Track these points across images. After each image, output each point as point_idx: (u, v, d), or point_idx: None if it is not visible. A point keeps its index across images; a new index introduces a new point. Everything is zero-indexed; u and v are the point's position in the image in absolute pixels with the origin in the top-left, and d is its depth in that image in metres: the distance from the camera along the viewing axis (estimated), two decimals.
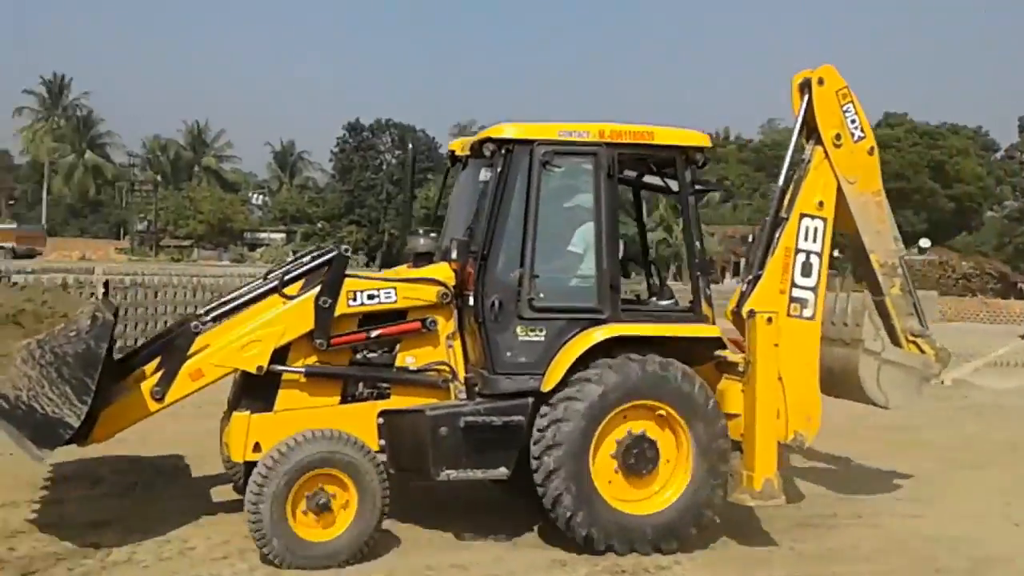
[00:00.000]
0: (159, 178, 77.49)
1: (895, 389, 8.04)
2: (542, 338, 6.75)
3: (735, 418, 6.97)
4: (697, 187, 7.42)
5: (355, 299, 6.84)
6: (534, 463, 6.62)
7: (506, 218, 6.77)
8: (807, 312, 7.68)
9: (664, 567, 6.58)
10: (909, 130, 70.75)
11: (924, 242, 59.24)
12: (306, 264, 7.05)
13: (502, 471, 6.67)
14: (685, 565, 6.64)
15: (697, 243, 7.24)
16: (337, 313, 6.76)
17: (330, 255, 6.91)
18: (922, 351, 8.28)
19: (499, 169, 6.77)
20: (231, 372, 6.89)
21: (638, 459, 6.73)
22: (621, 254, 7.05)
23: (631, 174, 7.82)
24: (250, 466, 6.55)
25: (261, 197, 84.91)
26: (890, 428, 11.83)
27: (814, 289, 7.73)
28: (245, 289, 7.21)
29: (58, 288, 14.14)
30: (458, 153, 7.85)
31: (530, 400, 6.72)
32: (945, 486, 9.38)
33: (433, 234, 7.38)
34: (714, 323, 7.18)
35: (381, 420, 6.88)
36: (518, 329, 6.74)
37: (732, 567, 6.71)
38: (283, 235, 71.84)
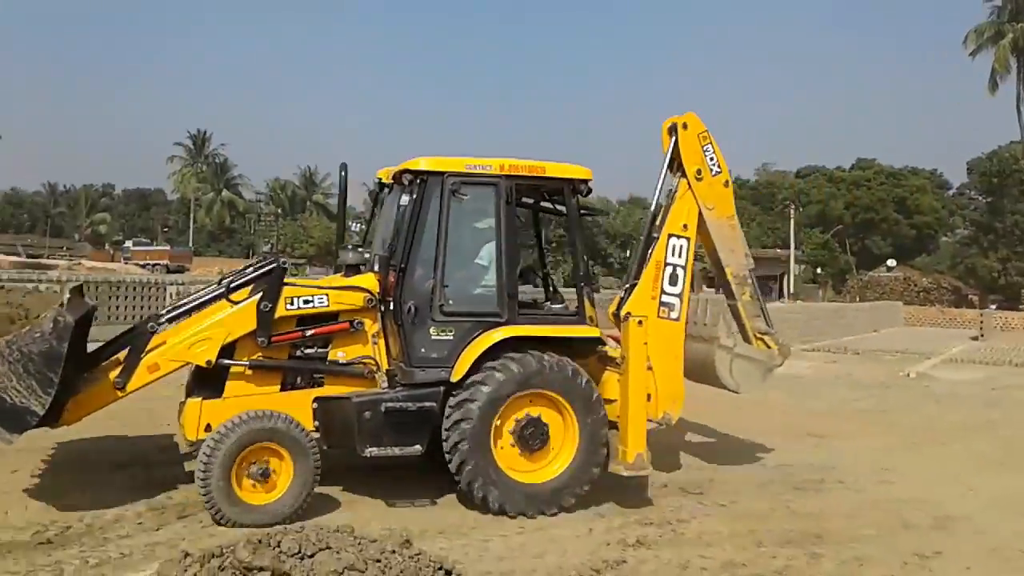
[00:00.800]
0: (279, 210, 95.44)
1: (745, 377, 9.58)
2: (451, 337, 7.99)
3: (613, 403, 8.33)
4: (582, 212, 8.78)
5: (292, 303, 7.98)
6: (444, 434, 7.83)
7: (421, 237, 8.00)
8: (674, 314, 9.15)
9: (684, 520, 8.04)
10: (877, 172, 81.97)
11: (891, 262, 68.12)
12: (249, 274, 8.14)
13: (417, 448, 7.88)
14: (702, 520, 8.09)
15: (582, 260, 8.59)
16: (277, 315, 7.89)
17: (271, 266, 8.04)
18: (768, 346, 9.82)
19: (415, 196, 8.01)
20: (184, 365, 7.93)
21: (531, 437, 8.02)
22: (521, 267, 8.37)
23: (529, 200, 9.15)
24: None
25: (358, 225, 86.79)
26: (865, 411, 14.97)
27: (679, 295, 9.22)
28: (199, 294, 8.25)
29: None
30: (384, 180, 9.06)
31: (441, 389, 7.96)
32: (911, 459, 11.25)
33: (361, 248, 8.59)
34: (596, 325, 8.53)
35: (315, 405, 8.03)
36: (431, 330, 7.97)
37: (741, 521, 8.08)
38: None
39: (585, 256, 8.72)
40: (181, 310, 8.03)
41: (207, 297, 8.08)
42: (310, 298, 8.05)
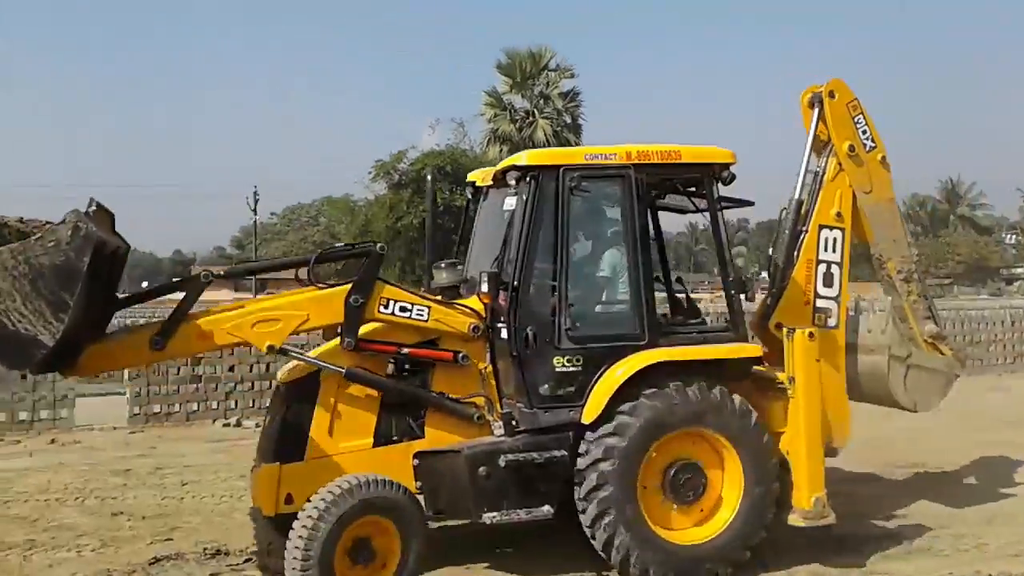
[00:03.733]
0: (919, 229, 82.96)
1: (922, 392, 7.65)
2: (580, 368, 6.20)
3: (779, 435, 6.47)
4: (725, 204, 6.92)
5: (387, 306, 6.20)
6: (580, 505, 6.07)
7: (536, 247, 6.22)
8: (831, 321, 7.30)
9: None
10: None
11: None
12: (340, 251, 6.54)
13: (546, 510, 6.08)
14: None
15: (730, 261, 6.72)
16: (367, 315, 6.16)
17: (365, 249, 6.32)
18: (941, 353, 7.87)
19: (526, 197, 6.22)
20: (240, 343, 6.32)
21: (686, 487, 6.21)
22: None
23: (660, 193, 7.31)
24: (281, 519, 5.91)
25: (1014, 237, 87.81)
26: None
27: (836, 298, 7.37)
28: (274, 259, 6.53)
29: None
30: (479, 184, 7.28)
31: (570, 433, 6.16)
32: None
33: (459, 267, 6.79)
34: (752, 340, 6.68)
35: (417, 462, 6.27)
36: (555, 360, 6.18)
37: None
38: None
39: (731, 257, 6.84)
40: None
41: (287, 260, 6.50)
42: (408, 306, 6.25)
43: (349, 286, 6.12)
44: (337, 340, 6.30)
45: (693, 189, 7.00)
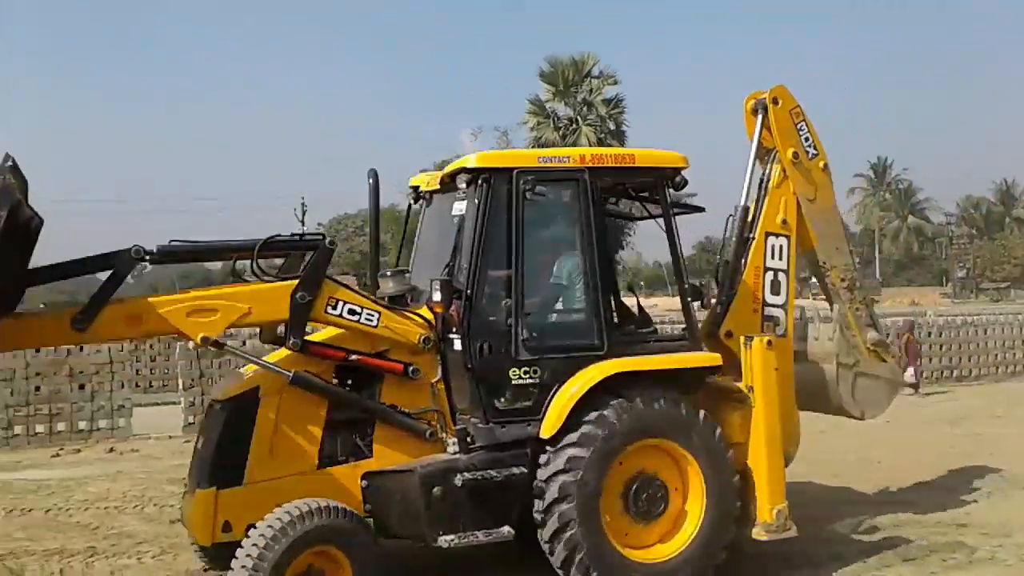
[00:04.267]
0: (973, 231, 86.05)
1: (870, 400, 7.63)
2: (537, 380, 5.89)
3: (737, 447, 6.27)
4: (676, 210, 6.73)
5: (335, 307, 5.74)
6: (539, 518, 5.73)
7: (490, 253, 5.89)
8: (779, 330, 7.22)
9: None
10: None
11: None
12: (285, 240, 5.92)
13: (506, 531, 5.73)
14: None
15: (684, 269, 6.53)
16: (313, 314, 5.70)
17: (313, 241, 5.85)
18: (883, 360, 7.85)
19: (478, 201, 5.89)
20: (172, 333, 5.80)
21: (648, 502, 5.95)
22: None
23: (611, 199, 7.07)
24: (220, 549, 5.41)
25: None
26: None
27: (784, 306, 7.30)
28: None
29: None
30: (422, 188, 6.91)
31: (529, 449, 5.83)
32: None
33: (407, 275, 6.38)
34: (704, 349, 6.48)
35: (366, 483, 5.83)
36: (511, 372, 5.85)
37: None
38: None
39: (686, 263, 6.65)
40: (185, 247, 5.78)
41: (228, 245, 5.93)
42: (357, 309, 5.79)
43: (296, 282, 5.65)
44: (277, 352, 5.85)
45: (645, 194, 6.79)
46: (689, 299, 6.42)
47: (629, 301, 7.01)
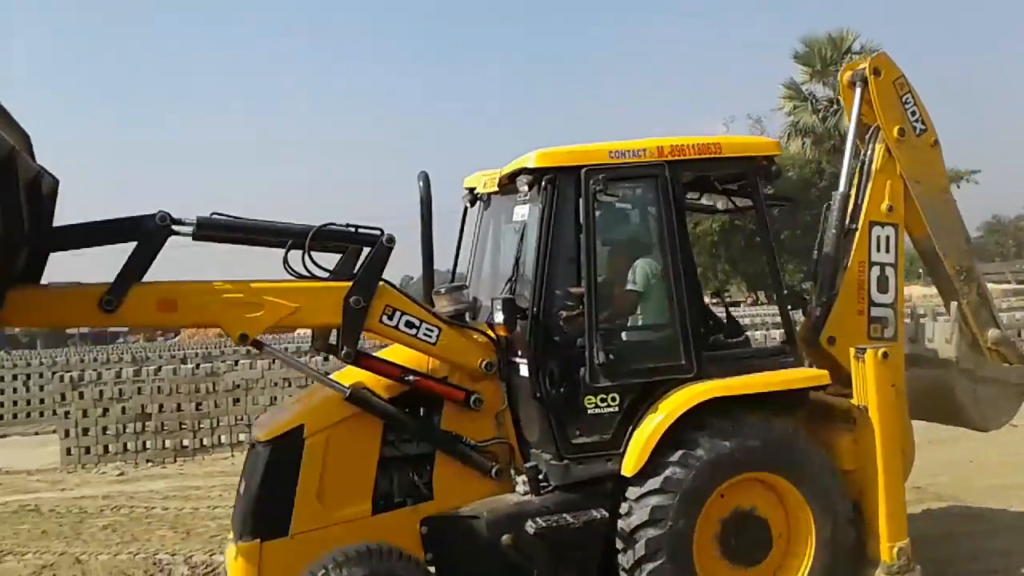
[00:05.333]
0: None
1: (993, 408, 6.62)
2: (617, 409, 5.09)
3: (848, 475, 5.40)
4: (771, 203, 5.84)
5: (391, 317, 5.02)
6: (622, 565, 4.95)
7: (557, 265, 5.09)
8: (888, 332, 6.23)
9: None
10: None
11: None
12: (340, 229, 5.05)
13: None
14: None
15: (779, 270, 5.65)
16: (368, 324, 4.98)
17: (370, 236, 5.03)
18: (1008, 362, 6.83)
19: (542, 206, 5.09)
20: (209, 325, 5.18)
21: (748, 544, 5.12)
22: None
23: (696, 194, 6.20)
24: None
25: None
26: None
27: (892, 305, 6.30)
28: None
29: None
30: (478, 190, 6.14)
31: (609, 486, 5.06)
32: None
33: (464, 290, 5.62)
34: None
35: (426, 529, 5.13)
36: (586, 401, 5.07)
37: None
38: None
39: (779, 264, 5.75)
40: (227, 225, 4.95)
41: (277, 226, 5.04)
42: (416, 321, 5.08)
43: (350, 283, 4.93)
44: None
45: (733, 187, 5.91)
46: (789, 306, 5.54)
47: (716, 308, 6.17)
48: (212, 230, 4.89)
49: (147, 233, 4.64)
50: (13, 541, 8.66)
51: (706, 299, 6.34)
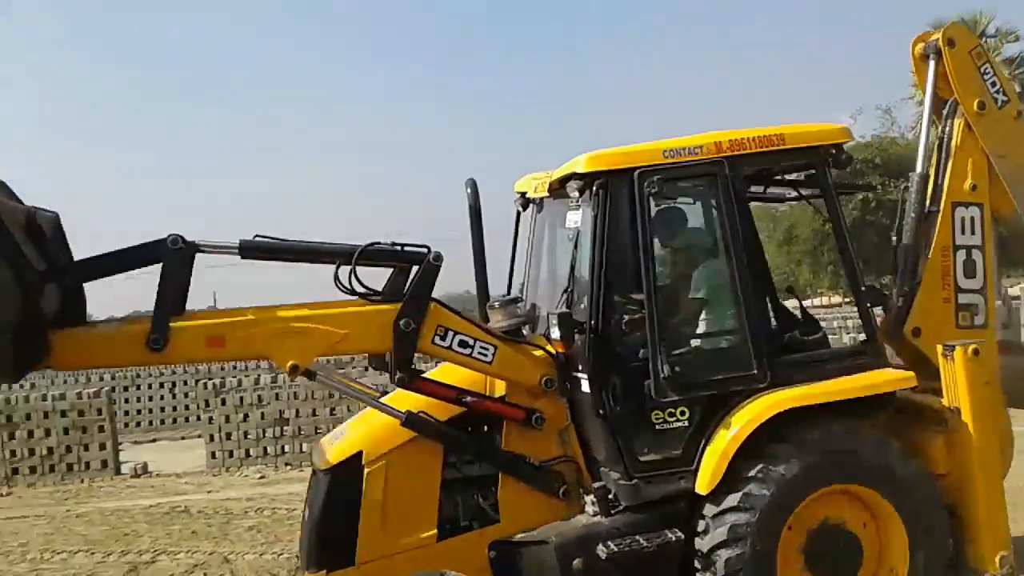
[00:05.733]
0: None
1: None
2: (686, 423, 4.80)
3: (940, 481, 5.01)
4: (841, 190, 5.45)
5: (444, 338, 4.82)
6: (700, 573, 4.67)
7: (614, 274, 4.82)
8: (979, 319, 5.77)
9: None
10: None
11: None
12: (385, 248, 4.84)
13: None
14: None
15: (856, 261, 5.27)
16: (420, 346, 4.79)
17: (416, 254, 4.80)
18: None
19: (594, 212, 4.82)
20: (257, 358, 4.96)
21: (836, 561, 4.78)
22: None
23: (758, 188, 5.83)
24: None
25: None
26: None
27: (981, 291, 5.82)
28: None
29: None
30: (529, 194, 5.89)
31: (683, 505, 4.78)
32: None
33: (519, 303, 5.39)
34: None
35: (494, 554, 4.94)
36: (653, 416, 4.79)
37: None
38: None
39: (855, 255, 5.37)
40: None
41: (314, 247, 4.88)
42: (470, 341, 4.85)
43: (399, 305, 4.75)
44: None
45: (800, 177, 5.54)
46: (866, 300, 5.16)
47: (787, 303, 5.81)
48: (257, 252, 4.76)
49: (169, 254, 4.47)
50: (166, 541, 9.03)
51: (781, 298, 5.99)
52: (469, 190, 5.36)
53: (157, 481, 13.07)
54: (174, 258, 4.48)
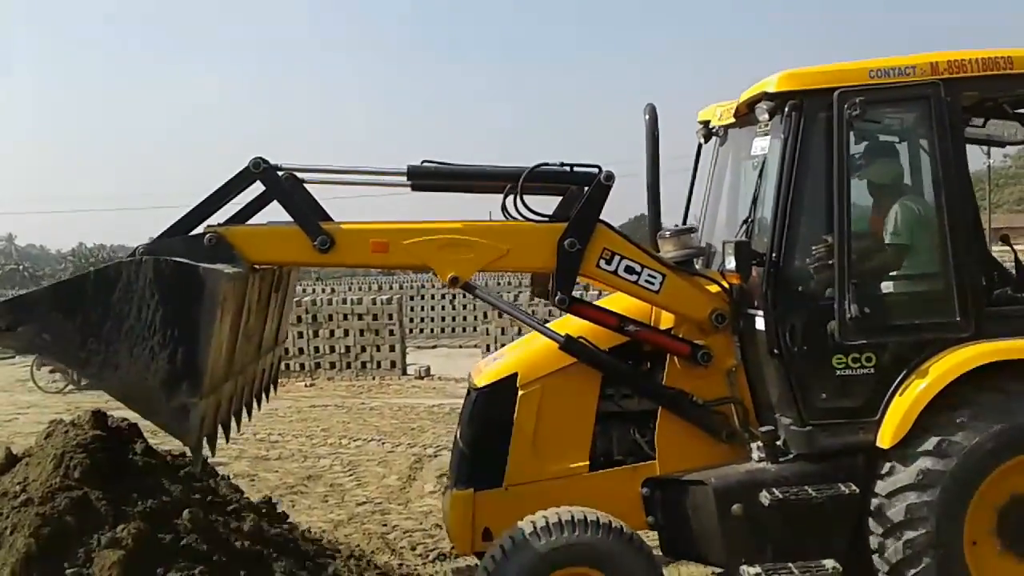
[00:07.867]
0: None
1: None
2: (872, 371, 4.32)
3: None
4: None
5: (609, 262, 4.52)
6: (876, 544, 4.22)
7: (803, 204, 4.37)
8: None
9: None
10: None
11: None
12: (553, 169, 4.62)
13: (830, 567, 4.24)
14: None
15: None
16: (584, 269, 4.54)
17: (586, 174, 4.56)
18: None
19: (786, 135, 4.37)
20: (418, 267, 4.95)
21: None
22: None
23: (978, 122, 5.16)
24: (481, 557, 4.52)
25: None
26: None
27: None
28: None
29: None
30: (713, 124, 5.47)
31: (861, 459, 4.31)
32: None
33: (693, 234, 5.02)
34: None
35: (647, 491, 4.65)
36: (835, 360, 4.33)
37: None
38: None
39: None
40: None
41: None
42: (637, 267, 4.54)
43: (564, 224, 4.51)
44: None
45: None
46: None
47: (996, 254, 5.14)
48: (426, 178, 4.66)
49: (271, 180, 4.41)
50: (447, 439, 9.12)
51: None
52: (647, 116, 5.01)
53: (439, 383, 14.47)
54: (264, 177, 4.39)
